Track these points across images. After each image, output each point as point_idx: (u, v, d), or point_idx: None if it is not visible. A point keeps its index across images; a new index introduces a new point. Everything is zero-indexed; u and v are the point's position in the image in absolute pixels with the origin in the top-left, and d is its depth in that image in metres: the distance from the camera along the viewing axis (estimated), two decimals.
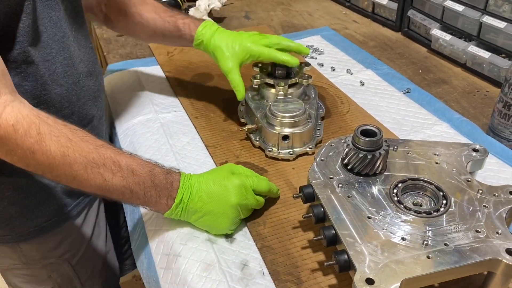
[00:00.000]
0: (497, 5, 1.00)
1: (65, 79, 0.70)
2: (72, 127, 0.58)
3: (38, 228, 0.75)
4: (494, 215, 0.55)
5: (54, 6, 0.66)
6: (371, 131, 0.62)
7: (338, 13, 1.44)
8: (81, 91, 0.74)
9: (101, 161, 0.57)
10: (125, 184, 0.59)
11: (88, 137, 0.59)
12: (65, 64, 0.70)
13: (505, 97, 0.79)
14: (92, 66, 0.78)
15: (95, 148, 0.58)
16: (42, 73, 0.66)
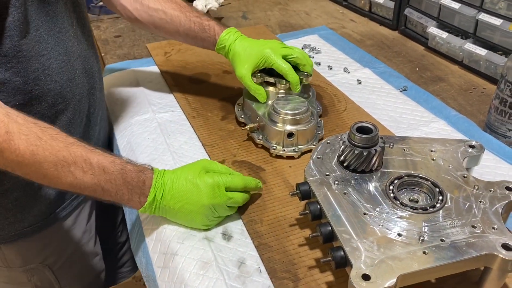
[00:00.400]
0: (493, 2, 1.00)
1: (60, 75, 0.69)
2: (43, 125, 0.57)
3: (20, 232, 0.74)
4: (490, 210, 0.55)
5: (51, 1, 0.65)
6: (367, 128, 0.62)
7: (335, 12, 1.44)
8: (76, 88, 0.73)
9: (71, 159, 0.57)
10: (96, 182, 0.59)
11: (59, 135, 0.58)
12: (61, 60, 0.69)
13: (501, 94, 0.79)
14: (89, 63, 0.78)
15: (65, 146, 0.57)
16: (34, 68, 0.65)
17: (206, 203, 0.63)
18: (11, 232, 0.74)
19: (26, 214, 0.74)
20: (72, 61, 0.72)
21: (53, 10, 0.66)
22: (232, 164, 0.78)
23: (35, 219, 0.75)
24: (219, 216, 0.66)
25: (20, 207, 0.72)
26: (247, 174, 0.76)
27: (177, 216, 0.65)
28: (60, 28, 0.68)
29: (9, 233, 0.74)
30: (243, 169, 0.77)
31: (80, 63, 0.74)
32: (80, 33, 0.75)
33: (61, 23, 0.68)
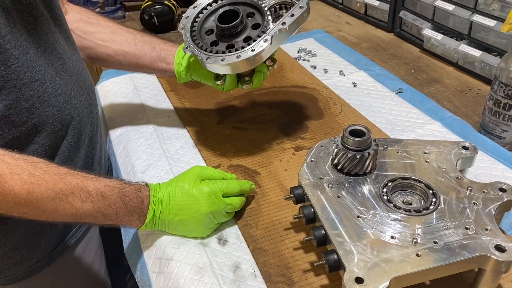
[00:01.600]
0: (486, 4, 1.00)
1: (56, 99, 0.66)
2: (32, 160, 0.56)
3: (28, 270, 0.71)
4: (484, 212, 0.55)
5: (29, 19, 0.61)
6: (360, 131, 0.62)
7: (331, 16, 1.45)
8: (74, 109, 0.70)
9: (68, 190, 0.56)
10: (96, 209, 0.58)
11: (51, 168, 0.56)
12: (55, 82, 0.65)
13: (495, 95, 0.79)
14: (83, 77, 0.74)
15: (60, 178, 0.56)
16: (28, 96, 0.61)
17: (205, 212, 0.63)
18: (18, 272, 0.71)
19: (33, 250, 0.71)
20: (65, 80, 0.68)
21: (34, 28, 0.62)
22: (227, 168, 0.79)
23: (43, 254, 0.72)
24: (217, 223, 0.66)
25: (26, 244, 0.69)
26: (243, 178, 0.76)
27: (178, 228, 0.64)
28: (46, 47, 0.64)
29: (16, 273, 0.71)
30: (238, 173, 0.77)
31: (74, 80, 0.71)
32: (67, 48, 0.71)
33: (45, 41, 0.64)
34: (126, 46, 0.83)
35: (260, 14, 0.75)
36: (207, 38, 0.75)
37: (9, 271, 0.70)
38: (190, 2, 1.48)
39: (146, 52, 0.83)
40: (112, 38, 0.83)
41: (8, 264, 0.69)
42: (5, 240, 0.68)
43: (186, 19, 0.76)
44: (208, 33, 0.76)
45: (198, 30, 0.75)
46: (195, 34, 0.74)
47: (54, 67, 0.66)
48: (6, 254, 0.69)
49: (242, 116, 0.93)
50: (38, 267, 0.72)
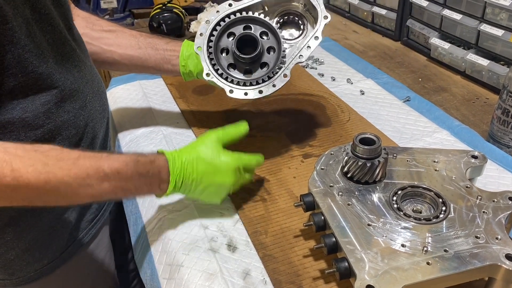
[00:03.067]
0: (494, 13, 1.01)
1: (72, 104, 0.67)
2: (43, 149, 0.56)
3: (39, 271, 0.72)
4: (494, 221, 0.55)
5: (47, 28, 0.63)
6: (370, 139, 0.63)
7: (338, 24, 1.46)
8: (89, 115, 0.71)
9: (83, 173, 0.56)
10: (114, 186, 0.59)
11: (62, 154, 0.57)
12: (72, 89, 0.67)
13: (503, 104, 0.79)
14: (97, 84, 0.76)
15: (73, 163, 0.56)
16: (45, 101, 0.63)
17: (228, 185, 0.67)
18: (29, 273, 0.71)
19: (44, 251, 0.71)
20: (82, 87, 0.70)
21: (52, 37, 0.63)
22: None
23: (54, 255, 0.73)
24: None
25: (38, 246, 0.70)
26: (251, 185, 0.76)
27: (199, 196, 0.68)
28: (63, 55, 0.66)
29: (27, 274, 0.71)
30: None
31: (89, 86, 0.72)
32: (82, 56, 0.73)
33: (62, 49, 0.66)
34: (131, 50, 0.85)
35: (273, 34, 0.76)
36: (222, 58, 0.77)
37: (21, 272, 0.71)
38: (198, 10, 1.49)
39: (151, 55, 0.85)
40: (116, 42, 0.85)
41: (20, 265, 0.70)
42: (17, 242, 0.68)
43: (200, 36, 0.76)
44: (222, 52, 0.77)
45: (214, 50, 0.75)
46: (211, 52, 0.75)
47: (72, 74, 0.68)
48: (18, 256, 0.69)
49: (251, 123, 0.92)
50: (49, 268, 0.73)
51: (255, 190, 0.75)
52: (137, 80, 1.12)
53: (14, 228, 0.67)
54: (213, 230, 0.69)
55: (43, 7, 0.62)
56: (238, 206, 0.72)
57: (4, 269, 0.70)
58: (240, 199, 0.74)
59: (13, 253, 0.69)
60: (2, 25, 0.55)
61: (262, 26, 0.77)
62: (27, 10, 0.59)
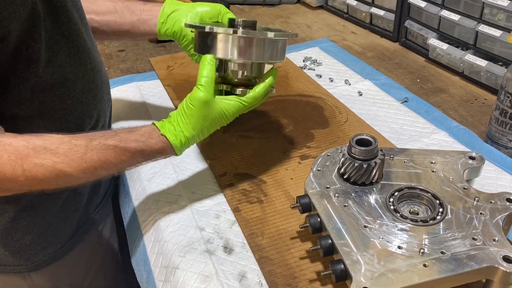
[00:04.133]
0: (492, 14, 1.01)
1: (85, 95, 0.69)
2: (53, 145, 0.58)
3: (53, 255, 0.74)
4: (491, 222, 0.55)
5: (63, 20, 0.63)
6: (366, 140, 0.62)
7: (337, 25, 1.46)
8: (100, 104, 0.73)
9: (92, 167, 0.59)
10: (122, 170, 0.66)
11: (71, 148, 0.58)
12: (85, 80, 0.68)
13: (501, 105, 0.79)
14: (104, 75, 0.76)
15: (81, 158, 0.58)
16: (60, 93, 0.64)
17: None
18: (44, 257, 0.74)
19: (58, 235, 0.74)
20: (93, 77, 0.70)
21: (67, 29, 0.64)
22: (233, 177, 0.79)
23: (66, 238, 0.75)
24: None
25: (52, 230, 0.73)
26: (249, 187, 0.76)
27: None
28: (78, 47, 0.67)
29: (42, 258, 0.74)
30: (244, 182, 0.77)
31: (99, 77, 0.73)
32: (91, 47, 0.73)
33: (77, 41, 0.67)
34: (108, 15, 0.83)
35: None
36: None
37: (36, 257, 0.73)
38: None
39: (127, 18, 0.83)
40: (94, 9, 0.83)
41: (35, 250, 0.73)
42: (33, 227, 0.71)
43: None
44: None
45: None
46: None
47: (85, 65, 0.69)
48: (34, 241, 0.72)
49: (248, 125, 0.93)
50: (62, 252, 0.75)
51: (252, 192, 0.75)
52: (135, 82, 1.12)
53: (30, 213, 0.70)
54: (209, 232, 0.68)
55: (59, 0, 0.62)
56: (234, 208, 0.72)
57: (19, 255, 0.72)
58: (236, 200, 0.73)
59: (29, 238, 0.71)
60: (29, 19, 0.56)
61: None
62: (43, 4, 0.59)
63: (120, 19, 0.83)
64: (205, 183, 0.78)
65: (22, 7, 0.54)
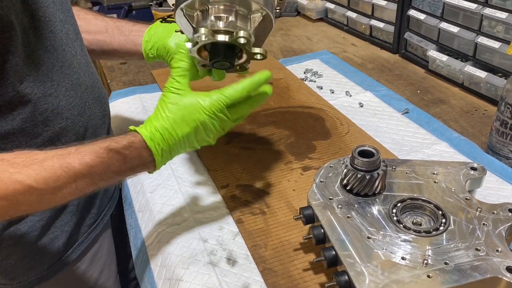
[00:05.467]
0: (491, 26, 1.02)
1: (70, 111, 0.67)
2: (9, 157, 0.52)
3: (40, 276, 0.72)
4: (494, 233, 0.55)
5: (47, 35, 0.63)
6: (369, 151, 0.63)
7: (337, 37, 1.47)
8: (89, 120, 0.72)
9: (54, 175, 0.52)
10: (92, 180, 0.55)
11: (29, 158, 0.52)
12: (69, 95, 0.67)
13: (501, 116, 0.80)
14: (98, 90, 0.76)
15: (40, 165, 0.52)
16: (43, 110, 0.63)
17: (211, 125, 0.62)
18: (30, 277, 0.71)
19: (45, 256, 0.71)
20: (80, 93, 0.70)
21: (51, 44, 0.64)
22: (236, 188, 0.79)
23: (54, 259, 0.73)
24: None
25: (38, 250, 0.70)
26: (251, 199, 0.76)
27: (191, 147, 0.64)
28: (63, 61, 0.66)
29: (28, 279, 0.71)
30: (247, 193, 0.78)
31: (89, 92, 0.73)
32: (84, 62, 0.73)
33: (63, 56, 0.66)
34: (99, 34, 0.83)
35: None
36: None
37: (22, 277, 0.71)
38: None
39: (116, 37, 0.83)
40: (86, 29, 0.83)
41: (21, 270, 0.71)
42: (18, 246, 0.69)
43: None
44: None
45: None
46: None
47: (70, 81, 0.67)
48: (19, 260, 0.70)
49: (250, 136, 0.94)
50: (50, 273, 0.73)
51: (255, 203, 0.75)
52: (137, 94, 1.13)
53: (14, 232, 0.68)
54: (213, 244, 0.68)
55: (44, 14, 0.62)
56: (237, 220, 0.72)
57: (5, 274, 0.70)
58: (239, 212, 0.74)
59: (14, 258, 0.69)
60: (4, 33, 0.55)
61: None
62: (25, 18, 0.59)
63: (109, 39, 0.83)
64: (208, 194, 0.79)
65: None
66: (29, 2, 0.60)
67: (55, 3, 0.65)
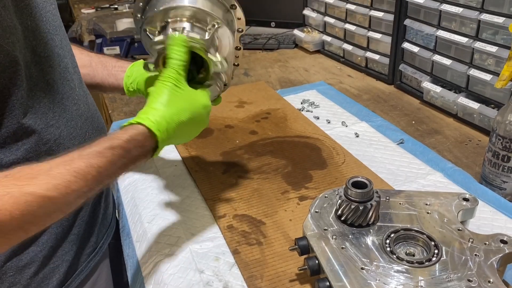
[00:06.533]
0: (482, 59, 1.05)
1: (71, 141, 0.69)
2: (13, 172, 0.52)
3: None
4: (486, 264, 0.56)
5: (48, 69, 0.65)
6: (362, 182, 0.64)
7: (333, 68, 1.51)
8: None
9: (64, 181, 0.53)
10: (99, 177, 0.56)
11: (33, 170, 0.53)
12: (70, 126, 0.70)
13: (493, 147, 0.81)
14: (97, 120, 0.78)
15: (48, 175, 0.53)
16: (46, 140, 0.65)
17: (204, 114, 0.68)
18: None
19: (44, 286, 0.71)
20: (80, 123, 0.72)
21: (52, 78, 0.66)
22: (233, 218, 0.80)
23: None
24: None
25: (40, 279, 0.70)
26: (248, 229, 0.77)
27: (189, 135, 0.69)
28: (63, 93, 0.68)
29: None
30: (243, 223, 0.78)
31: (89, 123, 0.75)
32: (82, 94, 0.75)
33: (62, 88, 0.68)
34: (83, 68, 0.85)
35: None
36: None
37: None
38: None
39: (99, 72, 0.87)
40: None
41: None
42: (19, 277, 0.69)
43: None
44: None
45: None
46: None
47: (70, 112, 0.70)
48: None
49: (247, 166, 0.95)
50: None
51: (251, 233, 0.76)
52: None
53: (16, 263, 0.68)
54: (209, 275, 0.69)
55: (44, 50, 0.65)
56: (234, 250, 0.73)
57: None
58: (236, 242, 0.74)
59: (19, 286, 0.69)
60: (11, 67, 0.57)
61: None
62: (28, 53, 0.62)
63: (92, 73, 0.87)
64: (204, 224, 0.80)
65: (2, 55, 0.56)
66: (31, 39, 0.63)
67: (54, 40, 0.68)
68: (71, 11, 2.65)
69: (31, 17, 0.62)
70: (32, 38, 0.63)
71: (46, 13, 0.67)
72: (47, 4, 0.67)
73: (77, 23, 2.14)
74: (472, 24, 1.05)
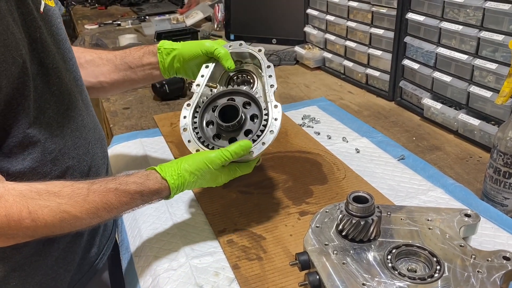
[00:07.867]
0: (482, 76, 1.06)
1: (76, 151, 0.71)
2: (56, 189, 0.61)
3: None
4: (488, 280, 0.55)
5: (54, 81, 0.67)
6: (363, 197, 0.64)
7: (334, 85, 1.51)
8: (92, 160, 0.75)
9: (94, 208, 0.63)
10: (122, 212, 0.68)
11: (73, 191, 0.62)
12: (75, 136, 0.71)
13: (494, 163, 0.81)
14: (98, 131, 0.80)
15: (84, 199, 0.62)
16: (51, 150, 0.67)
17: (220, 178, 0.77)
18: None
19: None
20: (84, 134, 0.74)
21: (58, 89, 0.68)
22: (233, 233, 0.79)
23: None
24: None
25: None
26: (248, 244, 0.77)
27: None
28: (68, 105, 0.70)
29: None
30: (244, 238, 0.78)
31: (92, 133, 0.77)
32: (85, 105, 0.77)
33: (68, 100, 0.70)
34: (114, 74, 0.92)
35: (254, 103, 0.80)
36: (208, 130, 0.80)
37: None
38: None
39: (128, 75, 0.91)
40: (100, 72, 0.91)
41: None
42: (22, 287, 0.69)
43: (184, 119, 0.81)
44: (208, 125, 0.81)
45: (199, 123, 0.80)
46: (197, 127, 0.80)
47: (75, 123, 0.72)
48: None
49: (248, 180, 0.95)
50: None
51: (251, 248, 0.75)
52: (138, 138, 1.15)
53: (19, 274, 0.69)
54: None
55: (51, 62, 0.67)
56: (234, 265, 0.72)
57: None
58: (236, 257, 0.74)
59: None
60: (20, 78, 0.60)
61: (244, 97, 0.81)
62: (34, 65, 0.64)
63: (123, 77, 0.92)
64: (204, 239, 0.79)
65: (13, 66, 0.58)
66: (38, 51, 0.64)
67: (59, 53, 0.70)
68: (75, 27, 2.68)
69: (40, 30, 0.64)
70: (41, 50, 0.65)
71: (52, 27, 0.68)
72: (53, 18, 0.69)
73: (80, 38, 2.16)
74: (472, 41, 1.06)
